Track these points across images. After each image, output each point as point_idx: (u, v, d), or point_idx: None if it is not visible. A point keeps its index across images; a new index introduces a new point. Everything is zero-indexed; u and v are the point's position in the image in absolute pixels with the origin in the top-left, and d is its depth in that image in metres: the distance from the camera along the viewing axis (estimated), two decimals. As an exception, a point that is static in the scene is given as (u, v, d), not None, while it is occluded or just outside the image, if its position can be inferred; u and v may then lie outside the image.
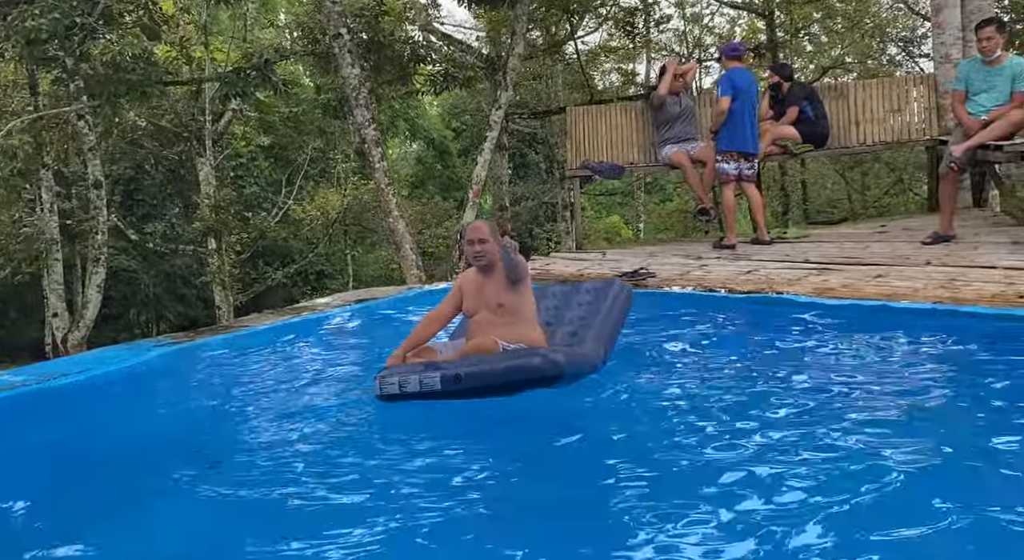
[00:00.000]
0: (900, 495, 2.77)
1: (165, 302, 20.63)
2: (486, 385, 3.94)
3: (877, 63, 20.85)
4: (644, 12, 17.45)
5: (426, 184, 27.56)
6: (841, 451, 3.19)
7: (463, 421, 4.05)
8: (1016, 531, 2.52)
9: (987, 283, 5.29)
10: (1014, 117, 6.53)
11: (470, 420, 4.05)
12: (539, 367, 3.91)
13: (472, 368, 3.97)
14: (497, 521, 2.94)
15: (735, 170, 7.80)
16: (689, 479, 3.10)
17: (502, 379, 3.93)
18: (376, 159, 10.37)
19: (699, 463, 3.24)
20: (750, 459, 3.18)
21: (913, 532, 2.52)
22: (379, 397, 4.06)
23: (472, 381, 3.92)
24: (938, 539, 2.50)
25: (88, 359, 5.91)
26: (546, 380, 3.93)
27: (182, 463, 3.65)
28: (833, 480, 2.93)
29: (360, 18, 12.71)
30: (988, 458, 3.06)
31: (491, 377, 3.94)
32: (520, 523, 2.89)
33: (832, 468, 3.03)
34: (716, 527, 2.66)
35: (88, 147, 13.42)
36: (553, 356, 4.00)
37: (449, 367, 4.03)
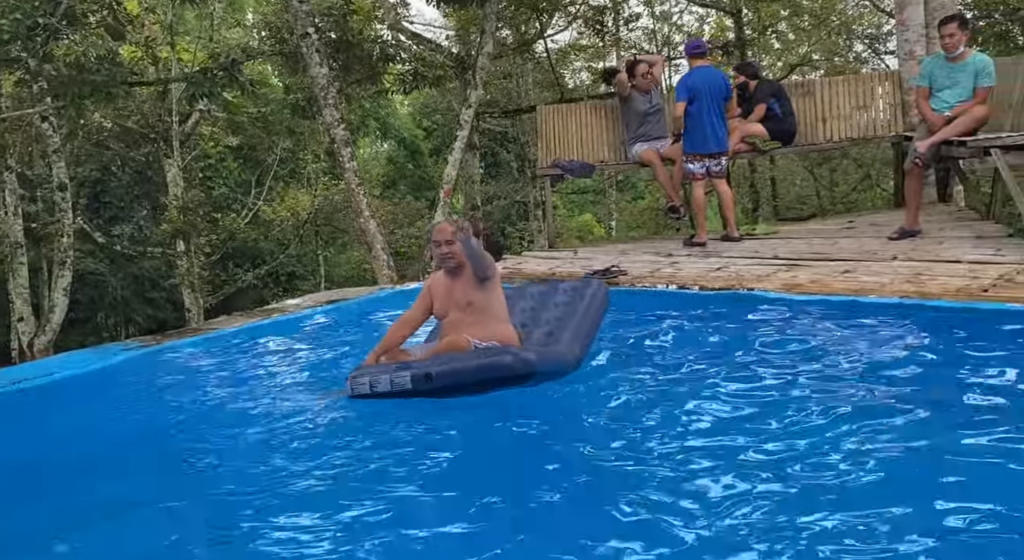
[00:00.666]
0: (870, 486, 2.81)
1: (134, 305, 20.38)
2: (457, 383, 3.95)
3: (844, 60, 21.06)
4: (613, 10, 17.52)
5: (398, 184, 27.47)
6: (811, 443, 3.23)
7: (435, 417, 4.04)
8: (979, 523, 2.55)
9: (952, 277, 5.36)
10: (977, 113, 6.62)
11: (442, 416, 4.04)
12: (510, 365, 3.92)
13: (443, 367, 3.97)
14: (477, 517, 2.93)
15: (702, 169, 7.84)
16: (662, 472, 3.12)
17: (473, 377, 3.94)
18: (346, 159, 10.32)
19: (671, 455, 3.27)
20: (723, 452, 3.22)
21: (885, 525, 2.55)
22: (350, 397, 4.05)
23: (443, 380, 3.94)
24: (905, 527, 2.53)
25: (53, 363, 5.83)
26: (517, 378, 3.93)
27: (150, 469, 3.61)
28: (801, 472, 2.97)
29: (328, 17, 12.64)
30: (954, 449, 3.10)
31: (462, 375, 3.95)
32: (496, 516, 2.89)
33: (801, 460, 3.07)
34: (691, 516, 2.69)
35: (53, 149, 13.22)
36: (524, 354, 4.01)
37: (420, 366, 4.03)
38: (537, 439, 3.74)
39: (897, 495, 2.75)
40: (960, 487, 2.81)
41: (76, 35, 11.09)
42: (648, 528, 2.67)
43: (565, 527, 2.80)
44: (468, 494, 3.12)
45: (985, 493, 2.72)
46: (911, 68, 8.45)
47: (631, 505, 2.85)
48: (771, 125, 8.60)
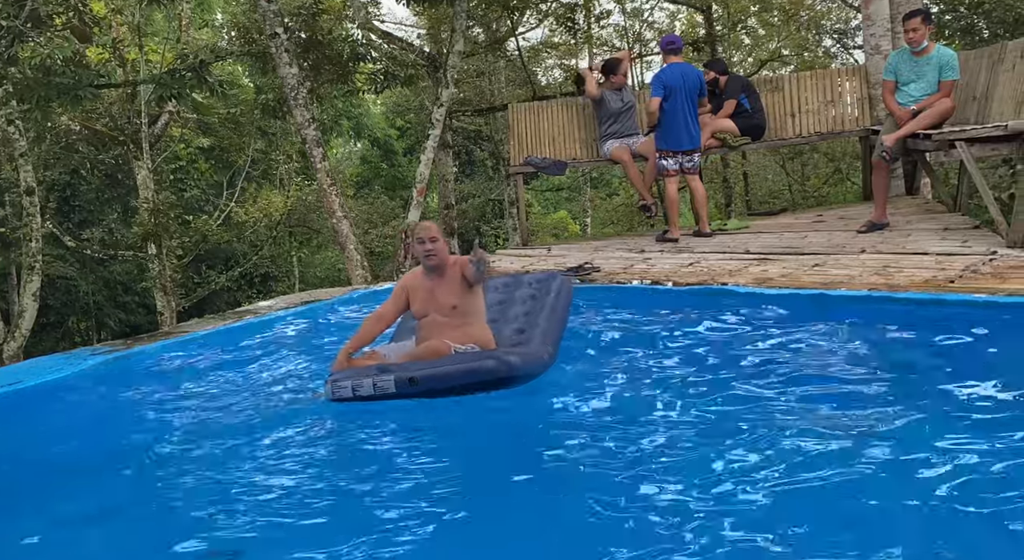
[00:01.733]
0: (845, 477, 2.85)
1: (106, 309, 20.19)
2: (441, 387, 3.95)
3: (813, 55, 21.23)
4: (584, 7, 17.52)
5: (372, 183, 27.40)
6: (785, 434, 3.27)
7: (414, 418, 4.04)
8: (953, 508, 2.59)
9: (919, 269, 5.43)
10: (942, 106, 6.70)
11: (420, 416, 4.04)
12: (494, 369, 3.93)
13: (426, 371, 3.97)
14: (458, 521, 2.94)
15: (675, 165, 7.87)
16: (641, 468, 3.15)
17: (457, 381, 3.94)
18: (318, 159, 10.27)
19: (648, 451, 3.30)
20: (700, 446, 3.25)
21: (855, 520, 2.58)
22: (331, 400, 4.03)
23: (427, 384, 3.93)
24: (876, 522, 2.56)
25: (22, 370, 5.76)
26: (500, 381, 3.94)
27: (122, 478, 3.58)
28: (773, 460, 3.00)
29: (297, 17, 12.56)
30: (921, 439, 3.14)
31: (446, 380, 3.95)
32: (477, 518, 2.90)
33: (776, 450, 3.11)
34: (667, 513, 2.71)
35: (19, 153, 13.06)
36: (507, 358, 4.01)
37: (401, 369, 4.02)
38: (521, 441, 3.76)
39: (869, 487, 2.79)
40: (929, 477, 2.84)
41: (41, 37, 10.94)
42: (618, 527, 2.69)
43: (544, 527, 2.80)
44: (448, 496, 3.14)
45: (954, 481, 2.77)
46: (877, 63, 8.53)
47: (606, 505, 2.86)
48: (741, 121, 8.64)
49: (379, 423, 4.01)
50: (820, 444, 3.14)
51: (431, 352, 4.20)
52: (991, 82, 6.62)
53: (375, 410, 4.03)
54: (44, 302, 15.03)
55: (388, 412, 4.02)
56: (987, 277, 5.02)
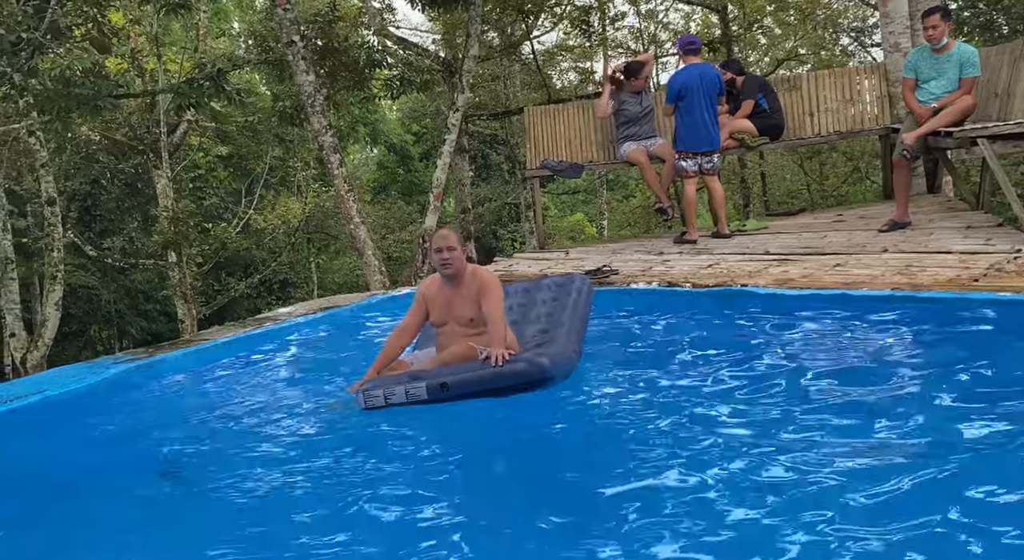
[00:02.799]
0: (873, 482, 2.80)
1: (127, 318, 20.37)
2: (473, 392, 3.94)
3: (831, 54, 21.12)
4: (599, 10, 17.53)
5: (388, 189, 27.50)
6: (813, 439, 3.22)
7: (436, 423, 4.03)
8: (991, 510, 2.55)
9: (943, 268, 5.37)
10: (963, 104, 6.63)
11: (445, 422, 4.03)
12: (526, 372, 3.92)
13: (458, 376, 3.97)
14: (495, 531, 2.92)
15: (694, 166, 7.84)
16: (665, 470, 3.12)
17: (489, 385, 3.93)
18: (335, 166, 10.30)
19: (674, 454, 3.27)
20: (726, 452, 3.21)
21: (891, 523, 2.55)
22: (363, 409, 4.04)
23: (459, 389, 3.92)
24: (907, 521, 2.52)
25: (45, 379, 5.79)
26: (533, 384, 3.93)
27: (146, 486, 3.58)
28: (806, 467, 2.96)
29: (313, 24, 12.62)
30: (952, 440, 3.10)
31: (478, 384, 3.94)
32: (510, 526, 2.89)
33: (805, 456, 3.06)
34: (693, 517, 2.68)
35: (40, 163, 13.19)
36: (538, 360, 3.99)
37: (434, 376, 4.02)
38: (544, 443, 3.73)
39: (897, 487, 2.75)
40: (955, 478, 2.80)
41: (61, 49, 11.06)
42: (646, 533, 2.66)
43: (568, 530, 2.78)
44: (479, 501, 3.13)
45: (981, 482, 2.72)
46: (897, 60, 8.46)
47: (630, 509, 2.84)
48: (759, 121, 8.61)
49: (401, 429, 4.00)
50: (845, 448, 3.10)
51: (459, 357, 4.20)
52: (1013, 78, 6.55)
53: (397, 416, 4.02)
54: (66, 311, 15.18)
55: (411, 417, 4.01)
56: (1012, 275, 4.96)
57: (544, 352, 4.17)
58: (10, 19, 9.64)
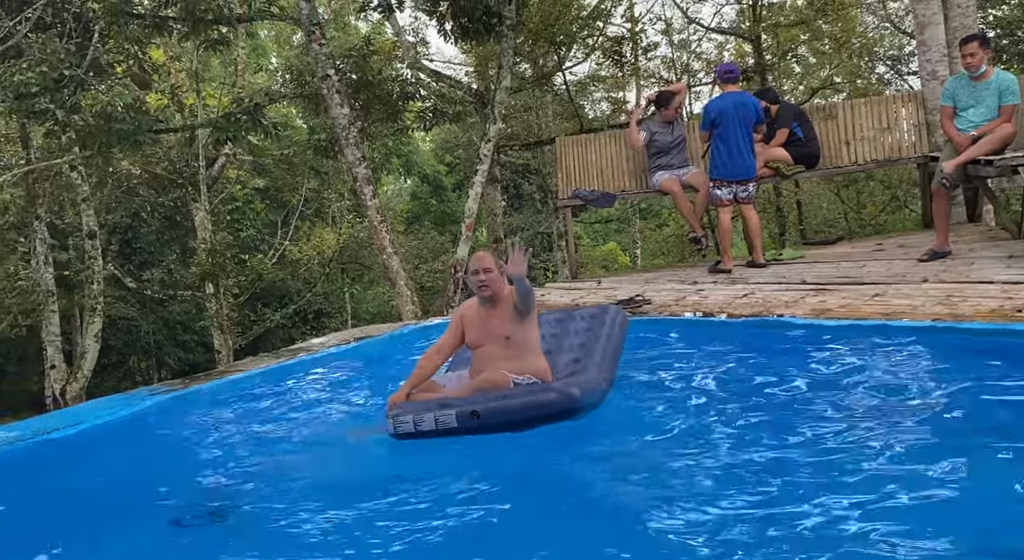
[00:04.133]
0: (913, 516, 2.73)
1: (165, 348, 20.60)
2: (504, 421, 3.90)
3: (867, 82, 20.98)
4: (631, 40, 17.61)
5: (421, 219, 27.69)
6: (850, 472, 3.15)
7: (471, 455, 3.99)
8: None
9: (984, 298, 5.25)
10: (1002, 131, 6.53)
11: (478, 455, 3.99)
12: (557, 401, 3.88)
13: (489, 404, 3.93)
14: None
15: (728, 195, 7.79)
16: (701, 502, 3.07)
17: (520, 415, 3.89)
18: (368, 197, 10.39)
19: (710, 484, 3.21)
20: (764, 484, 3.15)
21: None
22: (393, 436, 4.01)
23: (489, 418, 3.89)
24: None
25: (83, 411, 5.83)
26: (564, 413, 3.89)
27: (184, 515, 3.58)
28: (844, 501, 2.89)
29: (348, 58, 12.81)
30: (997, 474, 3.01)
31: (508, 413, 3.90)
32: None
33: (836, 488, 2.99)
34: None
35: (82, 198, 13.47)
36: (569, 389, 3.95)
37: (463, 404, 3.99)
38: (576, 474, 3.69)
39: (937, 520, 2.67)
40: (999, 513, 2.72)
41: (103, 85, 11.31)
42: None
43: None
44: (511, 532, 3.09)
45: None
46: (934, 88, 8.37)
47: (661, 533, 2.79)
48: (794, 149, 8.54)
49: (432, 459, 3.97)
50: (884, 483, 3.02)
51: (490, 384, 4.17)
52: (1053, 105, 6.44)
53: (429, 446, 4.00)
54: (106, 342, 15.40)
55: (440, 448, 3.98)
56: (1057, 305, 4.84)
57: (574, 381, 4.13)
58: (53, 57, 9.89)
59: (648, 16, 20.54)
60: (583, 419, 4.02)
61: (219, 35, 10.78)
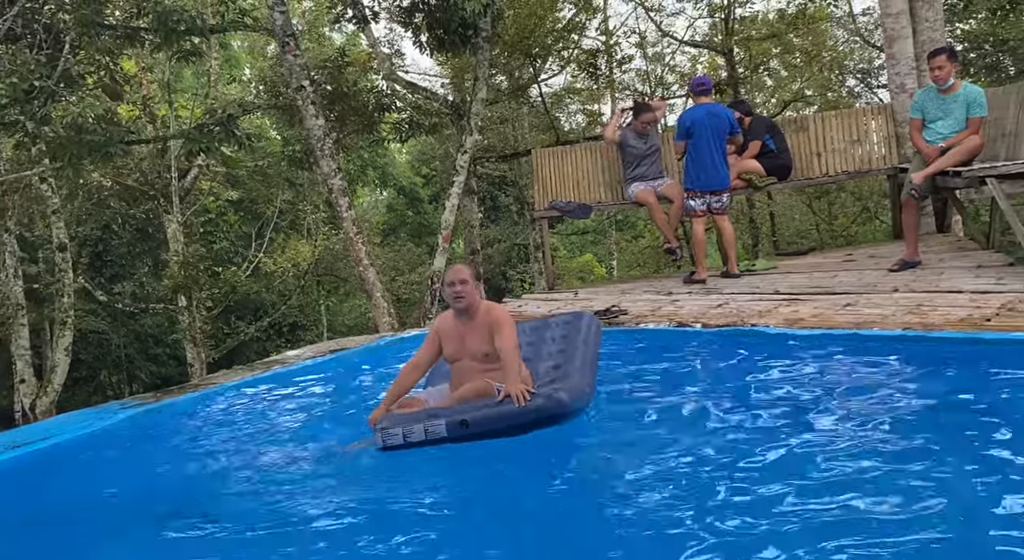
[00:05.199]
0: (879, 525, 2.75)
1: (137, 362, 20.36)
2: (493, 429, 3.90)
3: (837, 95, 21.24)
4: (606, 53, 17.72)
5: (398, 231, 27.64)
6: (819, 480, 3.17)
7: (448, 466, 3.98)
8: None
9: (954, 307, 5.32)
10: (970, 143, 6.63)
11: (455, 465, 3.98)
12: (546, 407, 3.88)
13: (477, 413, 3.93)
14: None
15: (703, 206, 7.85)
16: (676, 510, 3.07)
17: (509, 422, 3.89)
18: (344, 209, 10.35)
19: (684, 492, 3.22)
20: (729, 491, 3.16)
21: None
22: (381, 449, 3.99)
23: (479, 426, 3.89)
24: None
25: (52, 425, 5.76)
26: (553, 418, 3.89)
27: (156, 530, 3.54)
28: (811, 511, 2.91)
29: (323, 70, 12.78)
30: (962, 483, 3.04)
31: (498, 421, 3.91)
32: None
33: (811, 499, 3.01)
34: None
35: (52, 210, 13.31)
36: (557, 395, 3.96)
37: (452, 413, 3.98)
38: (557, 485, 3.69)
39: (900, 522, 2.70)
40: (966, 517, 2.75)
41: (74, 96, 11.21)
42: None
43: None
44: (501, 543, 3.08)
45: (994, 522, 2.66)
46: (903, 101, 8.49)
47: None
48: (766, 161, 8.62)
49: (409, 471, 3.95)
50: (854, 490, 3.04)
51: (476, 393, 4.16)
52: (1020, 118, 6.56)
53: (406, 459, 3.98)
54: (76, 356, 15.19)
55: (419, 460, 3.97)
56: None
57: (561, 387, 4.13)
58: (23, 68, 9.79)
59: (622, 29, 20.63)
60: (568, 425, 4.03)
61: (191, 46, 10.72)
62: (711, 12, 19.38)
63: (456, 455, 3.95)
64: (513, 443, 3.93)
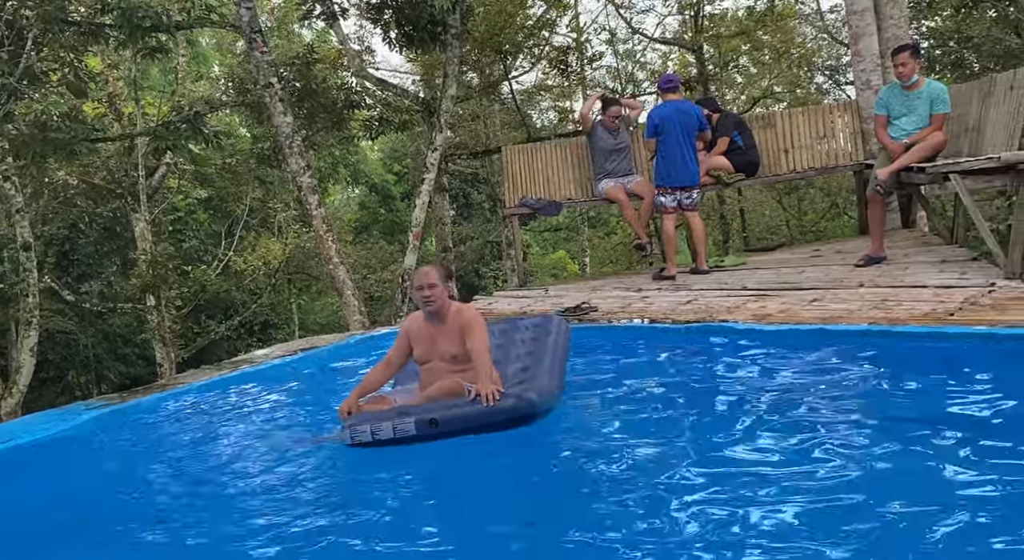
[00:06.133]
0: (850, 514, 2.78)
1: (105, 362, 20.10)
2: (462, 428, 3.91)
3: (806, 92, 21.41)
4: (577, 50, 17.74)
5: (370, 228, 27.51)
6: (786, 472, 3.20)
7: (416, 461, 3.97)
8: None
9: (918, 302, 5.38)
10: (934, 139, 6.71)
11: (423, 460, 3.97)
12: (515, 407, 3.90)
13: (447, 412, 3.93)
14: None
15: (673, 202, 7.89)
16: (649, 505, 3.09)
17: (478, 421, 3.90)
18: (313, 206, 10.29)
19: (655, 487, 3.24)
20: (699, 486, 3.19)
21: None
22: (349, 446, 3.98)
23: (448, 425, 3.89)
24: None
25: (17, 427, 5.67)
26: (522, 419, 3.91)
27: (116, 536, 3.50)
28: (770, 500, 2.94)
29: (292, 67, 12.69)
30: (927, 476, 3.08)
31: (467, 420, 3.91)
32: None
33: (774, 489, 3.04)
34: None
35: (16, 209, 13.10)
36: (527, 395, 3.98)
37: (422, 411, 3.98)
38: (525, 482, 3.71)
39: (872, 520, 2.73)
40: (921, 512, 2.78)
41: (37, 94, 11.04)
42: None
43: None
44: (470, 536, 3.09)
45: (952, 517, 2.70)
46: (869, 98, 8.58)
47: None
48: (735, 158, 8.68)
49: (379, 468, 3.94)
50: (821, 482, 3.08)
51: (446, 392, 4.16)
52: (982, 114, 6.64)
53: (375, 456, 3.96)
54: (43, 357, 15.00)
55: (386, 457, 3.96)
56: (987, 309, 4.98)
57: (531, 387, 4.14)
58: (-15, 65, 9.63)
59: (593, 26, 20.66)
60: (536, 425, 4.04)
61: (157, 43, 10.59)
62: (681, 9, 19.47)
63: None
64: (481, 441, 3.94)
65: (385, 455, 3.95)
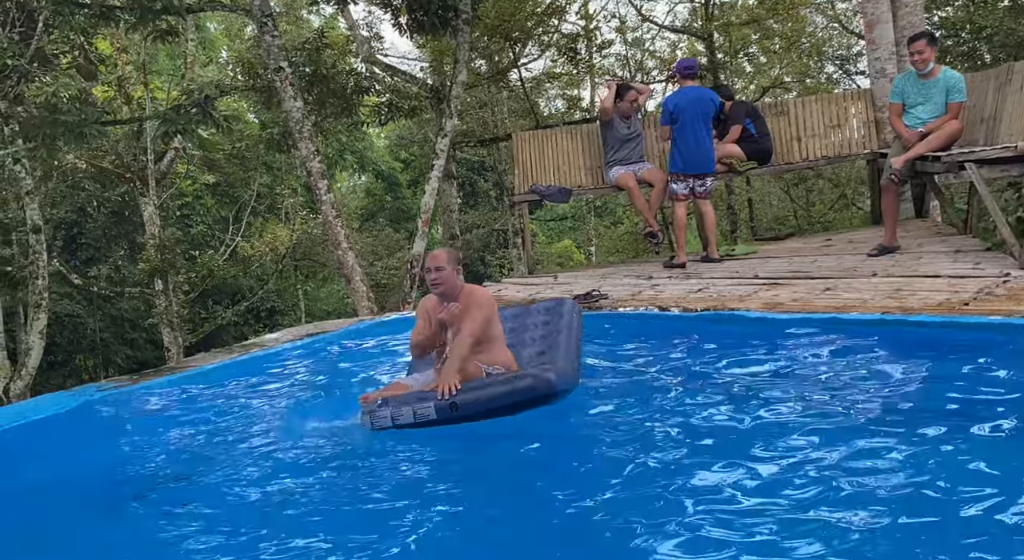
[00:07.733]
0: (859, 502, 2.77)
1: (113, 346, 20.14)
2: (482, 411, 3.91)
3: (816, 81, 21.29)
4: (586, 38, 17.64)
5: (376, 216, 27.49)
6: (799, 461, 3.19)
7: (420, 443, 3.97)
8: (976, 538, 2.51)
9: (932, 292, 5.36)
10: (950, 128, 6.67)
11: (429, 442, 3.97)
12: (534, 387, 3.90)
13: (467, 395, 3.93)
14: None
15: (685, 189, 7.85)
16: (660, 495, 3.09)
17: (499, 403, 3.91)
18: (322, 192, 10.26)
19: (669, 474, 3.23)
20: (713, 475, 3.18)
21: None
22: (372, 430, 4.01)
23: (468, 408, 3.89)
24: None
25: (27, 407, 5.69)
26: (542, 399, 3.91)
27: (124, 516, 3.51)
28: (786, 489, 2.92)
29: (301, 51, 12.64)
30: (944, 466, 3.06)
31: (488, 402, 3.92)
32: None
33: (790, 479, 3.03)
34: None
35: (26, 191, 13.09)
36: (545, 375, 3.97)
37: (440, 395, 3.96)
38: (542, 468, 3.71)
39: (888, 510, 2.72)
40: (945, 500, 2.77)
41: (47, 76, 11.01)
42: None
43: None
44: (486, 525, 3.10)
45: (970, 501, 2.69)
46: (883, 86, 8.52)
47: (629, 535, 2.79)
48: (747, 146, 8.63)
49: (390, 452, 3.94)
50: (836, 470, 3.06)
51: (464, 376, 4.15)
52: (999, 103, 6.59)
53: (385, 440, 3.97)
54: (51, 340, 15.01)
55: (398, 442, 3.96)
56: (1002, 299, 4.95)
57: (549, 368, 4.13)
58: (-5, 46, 9.60)
59: (603, 14, 20.56)
60: (555, 406, 4.03)
61: (167, 25, 10.53)
62: (691, -3, 19.34)
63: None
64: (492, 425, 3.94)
65: (400, 438, 3.96)
